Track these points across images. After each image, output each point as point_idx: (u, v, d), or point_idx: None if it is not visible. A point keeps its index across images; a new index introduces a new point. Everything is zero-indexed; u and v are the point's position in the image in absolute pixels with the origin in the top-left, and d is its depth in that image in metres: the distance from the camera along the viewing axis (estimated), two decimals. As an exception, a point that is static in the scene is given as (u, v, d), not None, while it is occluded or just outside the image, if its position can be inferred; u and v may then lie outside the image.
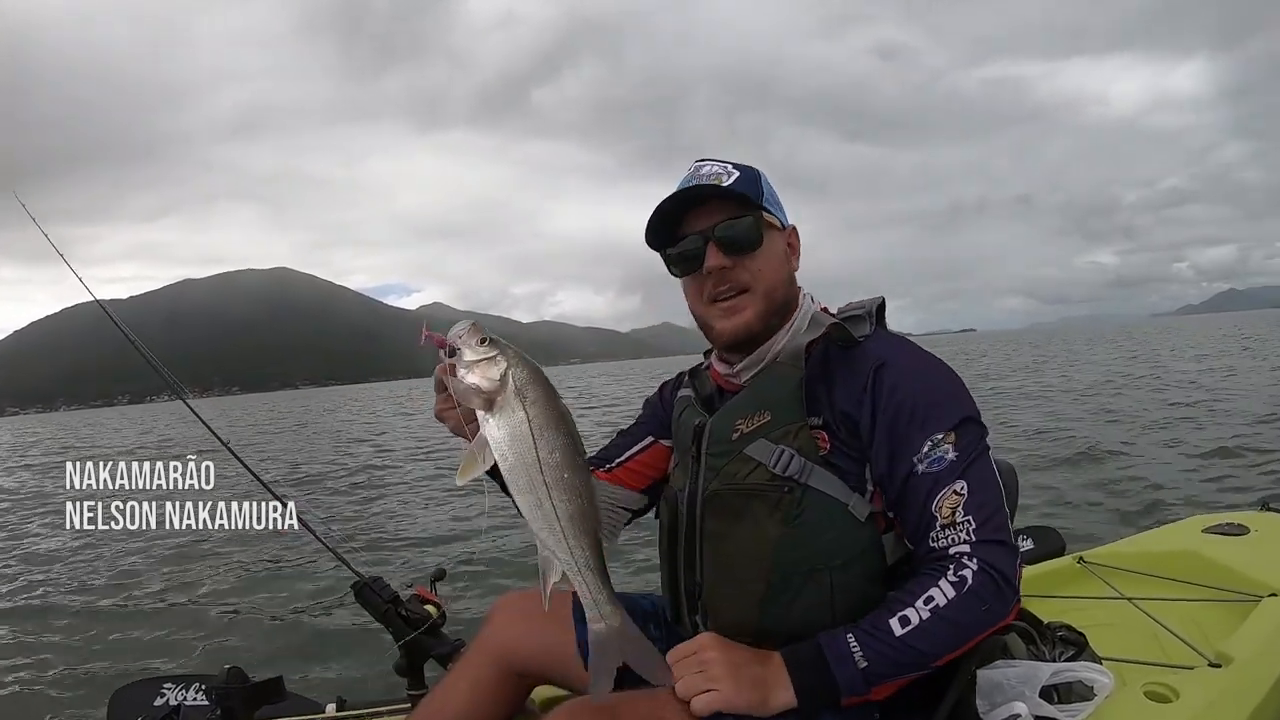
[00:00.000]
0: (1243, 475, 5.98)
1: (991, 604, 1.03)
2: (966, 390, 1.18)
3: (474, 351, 1.02)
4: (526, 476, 1.00)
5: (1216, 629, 1.79)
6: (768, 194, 1.25)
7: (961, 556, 1.05)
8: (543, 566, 1.04)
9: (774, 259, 1.24)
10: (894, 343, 1.20)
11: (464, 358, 1.02)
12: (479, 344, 1.02)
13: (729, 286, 1.22)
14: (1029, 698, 1.18)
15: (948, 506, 1.07)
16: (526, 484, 1.00)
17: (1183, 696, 1.40)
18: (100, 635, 4.49)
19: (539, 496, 1.00)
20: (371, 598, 1.85)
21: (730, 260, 1.21)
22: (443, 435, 1.74)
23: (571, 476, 1.01)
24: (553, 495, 1.00)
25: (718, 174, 1.22)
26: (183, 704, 1.85)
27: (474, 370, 1.01)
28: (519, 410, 1.00)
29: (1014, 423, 10.36)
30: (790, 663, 1.07)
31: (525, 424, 1.00)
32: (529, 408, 1.00)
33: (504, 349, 1.02)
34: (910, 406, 1.11)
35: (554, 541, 1.02)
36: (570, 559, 1.02)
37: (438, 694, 1.39)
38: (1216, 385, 13.34)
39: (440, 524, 6.97)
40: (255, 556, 6.22)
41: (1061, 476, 6.49)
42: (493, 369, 1.01)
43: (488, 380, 1.01)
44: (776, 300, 1.23)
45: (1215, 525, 2.43)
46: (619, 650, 1.07)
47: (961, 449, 1.09)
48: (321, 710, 1.83)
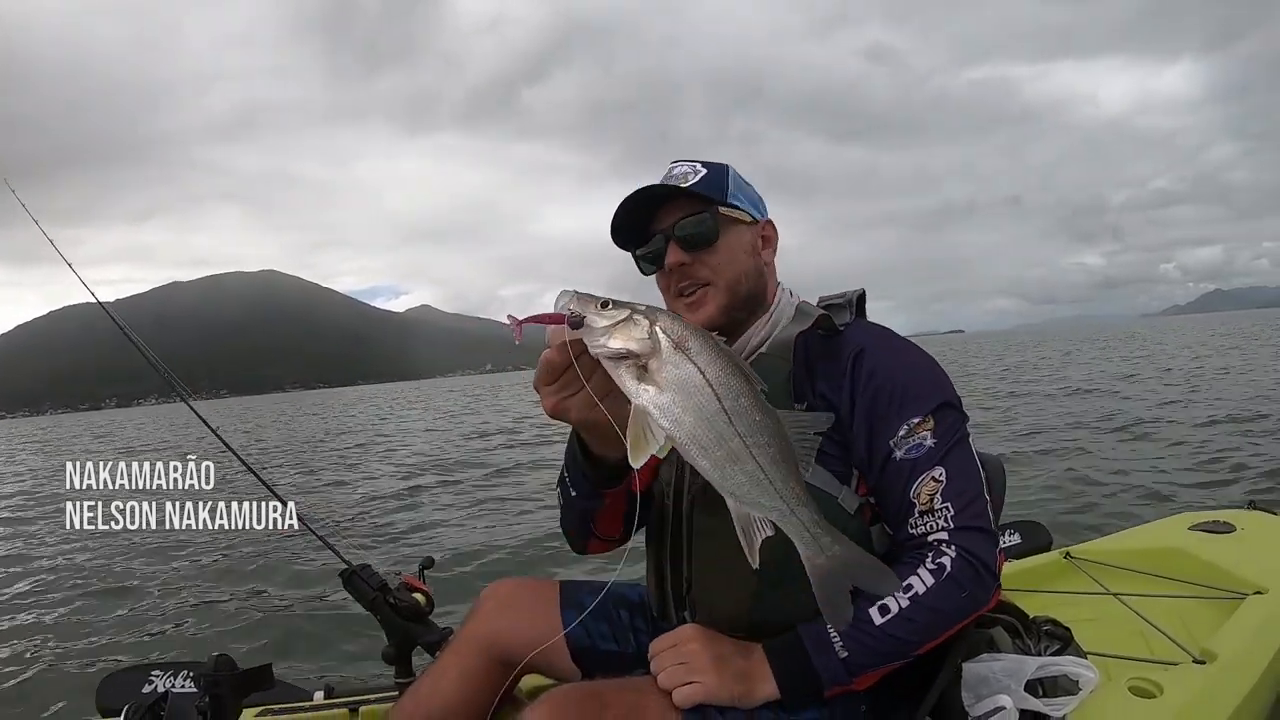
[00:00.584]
0: (1230, 474, 6.01)
1: (971, 590, 1.04)
2: (946, 376, 1.19)
3: (605, 316, 0.91)
4: (714, 432, 0.89)
5: (1202, 625, 1.81)
6: (734, 189, 1.26)
7: (940, 544, 1.06)
8: (743, 525, 0.93)
9: (736, 253, 1.25)
10: (873, 330, 1.22)
11: (597, 325, 0.90)
12: (602, 308, 0.91)
13: (689, 282, 1.24)
14: (1014, 691, 1.18)
15: (926, 493, 1.08)
16: (714, 439, 0.89)
17: (1167, 692, 1.42)
18: (88, 623, 4.48)
19: (731, 449, 0.89)
20: (360, 586, 1.85)
21: (689, 256, 1.23)
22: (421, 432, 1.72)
23: (764, 417, 0.90)
24: (748, 443, 0.90)
25: (685, 174, 1.25)
26: (170, 691, 1.84)
27: (615, 334, 0.90)
28: (685, 364, 0.89)
29: (1002, 418, 10.41)
30: (771, 654, 1.07)
31: (698, 376, 0.89)
32: (695, 358, 0.89)
33: (632, 306, 0.92)
34: (888, 390, 1.12)
35: (758, 492, 0.91)
36: (782, 503, 0.92)
37: (425, 683, 1.39)
38: (1207, 384, 13.41)
39: (429, 514, 6.97)
40: (244, 545, 6.20)
41: (1049, 471, 6.52)
42: (636, 328, 0.90)
43: (637, 341, 0.89)
44: (740, 293, 1.25)
45: (1202, 523, 2.45)
46: (848, 576, 0.96)
47: (940, 435, 1.10)
48: (310, 698, 1.82)
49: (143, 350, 2.16)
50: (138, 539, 6.77)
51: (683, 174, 1.25)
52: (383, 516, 7.07)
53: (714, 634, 1.12)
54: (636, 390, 0.90)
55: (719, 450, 0.89)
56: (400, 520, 6.80)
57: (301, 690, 1.88)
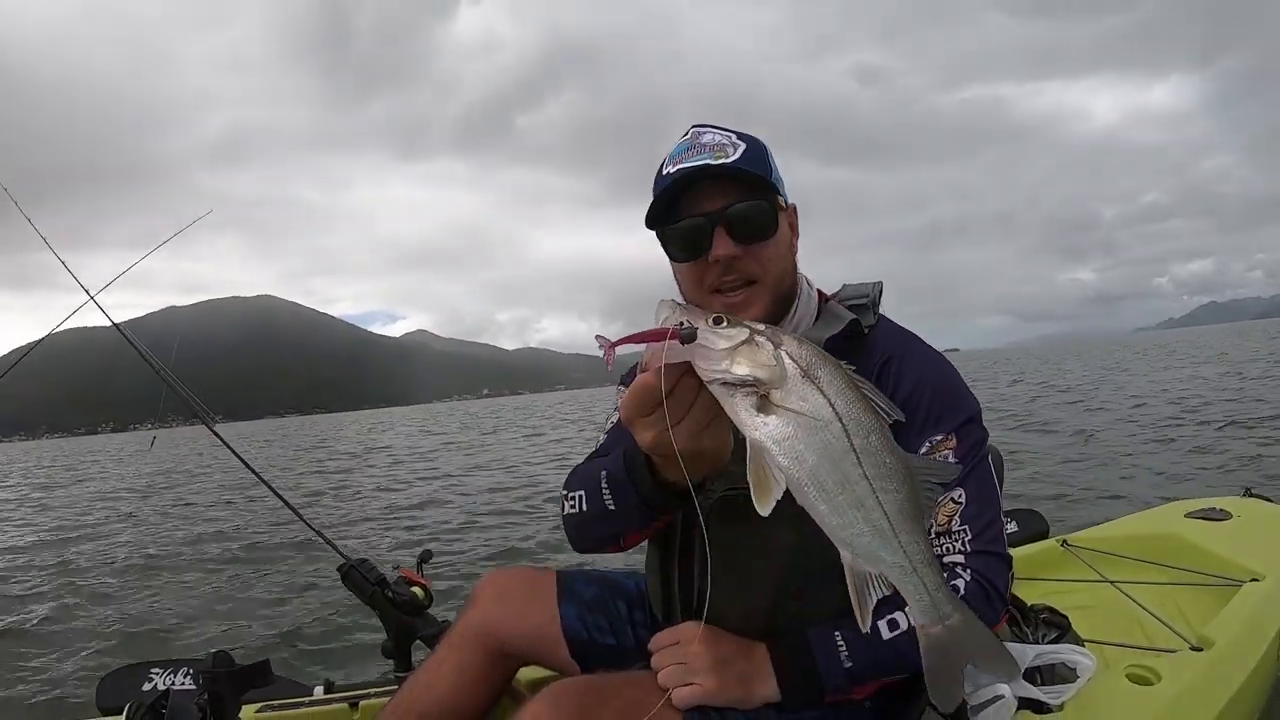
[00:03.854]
0: (1227, 461, 6.03)
1: (981, 613, 1.03)
2: (968, 389, 1.15)
3: (723, 335, 0.78)
4: (838, 474, 0.78)
5: (1198, 613, 1.81)
6: (775, 170, 1.15)
7: (955, 566, 1.04)
8: (858, 585, 0.82)
9: (783, 247, 1.15)
10: (901, 336, 1.18)
11: (717, 346, 0.78)
12: (714, 324, 0.79)
13: (736, 277, 1.12)
14: (1013, 679, 1.19)
15: (944, 514, 1.06)
16: (837, 483, 0.78)
17: (1164, 679, 1.42)
18: (88, 622, 4.49)
19: (857, 494, 0.78)
20: (358, 580, 1.85)
21: (741, 249, 1.10)
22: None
23: (894, 460, 0.79)
24: (876, 488, 0.78)
25: (721, 144, 1.11)
26: (170, 688, 1.84)
27: (738, 359, 0.77)
28: (813, 395, 0.78)
29: (1001, 409, 10.44)
30: (776, 658, 1.06)
31: (828, 409, 0.77)
32: (825, 388, 0.78)
33: (749, 324, 0.79)
34: (914, 405, 1.09)
35: (879, 543, 0.81)
36: (905, 559, 0.81)
37: (422, 675, 1.39)
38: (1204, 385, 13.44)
39: (426, 508, 6.97)
40: (243, 541, 6.21)
41: (1046, 459, 6.54)
42: (761, 352, 0.78)
43: (765, 368, 0.77)
44: (783, 291, 1.17)
45: (1198, 510, 2.45)
46: (964, 652, 0.87)
47: (962, 455, 1.08)
48: (309, 693, 1.82)
49: (165, 376, 2.15)
50: (133, 538, 6.78)
51: (717, 144, 1.11)
52: (379, 510, 7.08)
53: (717, 633, 1.10)
54: (754, 423, 0.78)
55: (842, 495, 0.78)
56: (398, 516, 6.80)
57: (301, 685, 1.88)
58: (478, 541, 5.50)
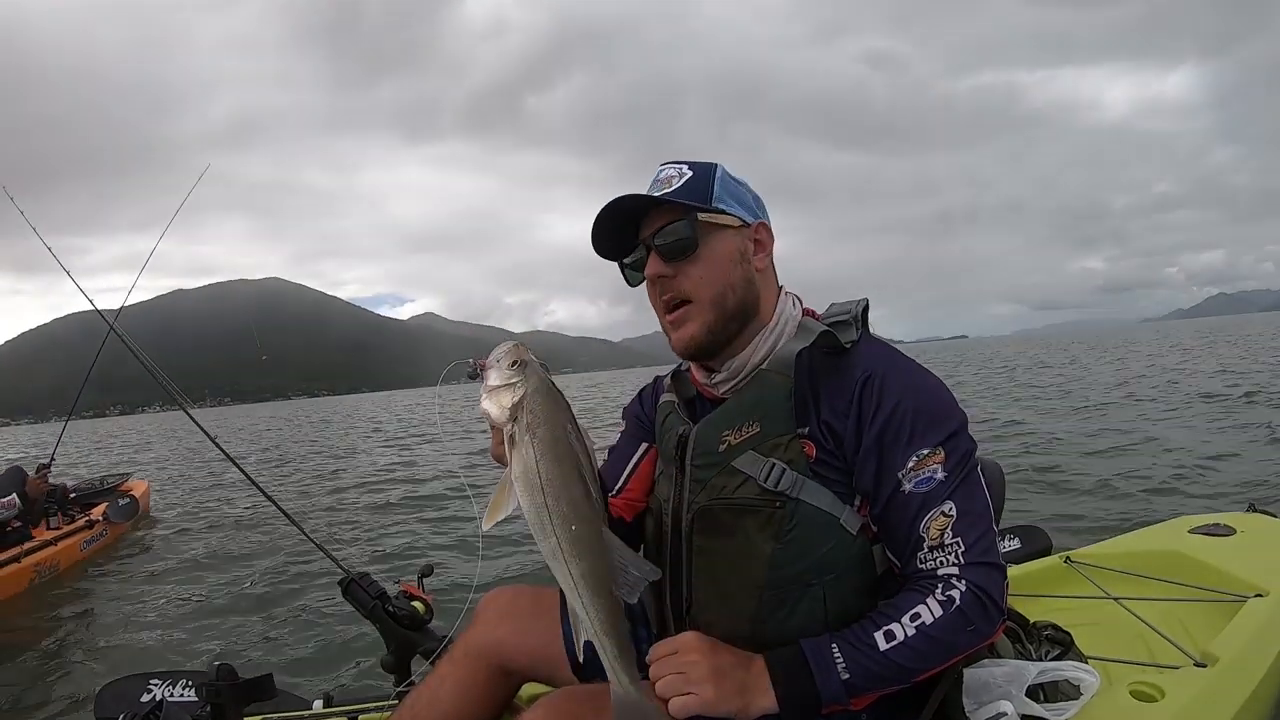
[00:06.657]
0: (1230, 477, 6.01)
1: (978, 624, 1.03)
2: (955, 401, 1.15)
3: (498, 375, 0.91)
4: (539, 523, 0.90)
5: (1202, 629, 1.80)
6: (720, 192, 1.19)
7: (950, 578, 1.04)
8: (572, 620, 0.95)
9: (719, 262, 1.17)
10: (882, 353, 1.17)
11: (487, 382, 0.91)
12: (509, 367, 0.91)
13: (672, 296, 1.19)
14: (1015, 696, 1.18)
15: (936, 528, 1.06)
16: (540, 533, 0.90)
17: (1168, 696, 1.41)
18: (88, 631, 4.47)
19: (552, 546, 0.90)
20: (359, 594, 1.85)
21: (669, 267, 1.17)
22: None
23: (580, 529, 0.89)
24: (564, 548, 0.89)
25: (670, 176, 1.19)
26: (169, 700, 1.84)
27: (491, 397, 0.90)
28: (528, 448, 0.89)
29: (1001, 421, 10.41)
30: (774, 669, 1.06)
31: (534, 464, 0.88)
32: (536, 446, 0.88)
33: (530, 375, 0.90)
34: (898, 421, 1.08)
35: (570, 598, 0.92)
36: (586, 619, 0.92)
37: (425, 691, 1.38)
38: (1206, 386, 13.42)
39: (428, 524, 6.95)
40: (244, 554, 6.19)
41: (1048, 476, 6.52)
42: (506, 397, 0.89)
43: (499, 409, 0.90)
44: (728, 307, 1.18)
45: (1202, 526, 2.44)
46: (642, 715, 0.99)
47: (950, 468, 1.07)
48: (309, 707, 1.82)
49: (145, 363, 2.18)
50: (134, 546, 6.77)
51: (668, 177, 1.19)
52: (380, 525, 7.05)
53: (715, 643, 1.10)
54: (507, 457, 0.92)
55: (544, 543, 0.91)
56: (398, 529, 6.78)
57: (301, 699, 1.88)
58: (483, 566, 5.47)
